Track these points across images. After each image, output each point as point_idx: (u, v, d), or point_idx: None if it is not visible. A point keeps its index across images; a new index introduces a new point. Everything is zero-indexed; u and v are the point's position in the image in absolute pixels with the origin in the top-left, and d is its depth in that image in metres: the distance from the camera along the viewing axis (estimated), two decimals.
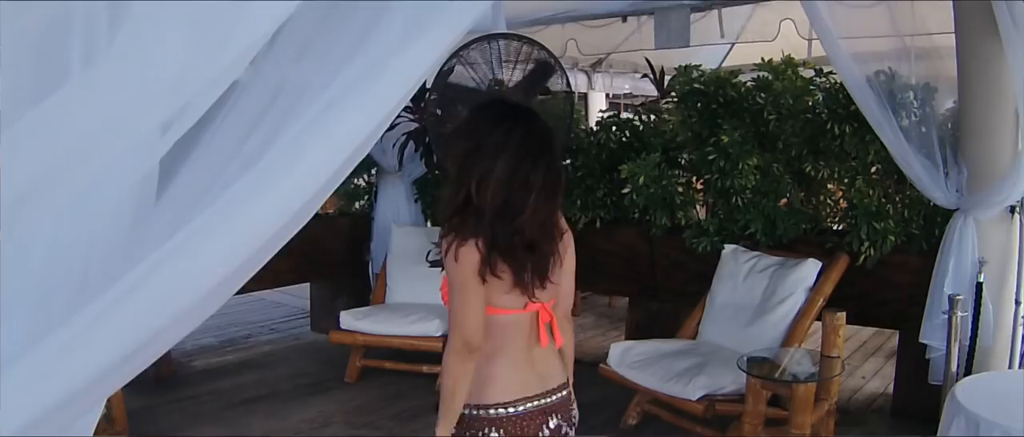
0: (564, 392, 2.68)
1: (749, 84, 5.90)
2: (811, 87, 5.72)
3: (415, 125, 6.61)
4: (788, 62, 5.81)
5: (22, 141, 1.16)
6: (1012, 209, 4.67)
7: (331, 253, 7.49)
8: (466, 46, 5.66)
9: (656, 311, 6.56)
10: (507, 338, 2.57)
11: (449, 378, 2.48)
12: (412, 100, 6.41)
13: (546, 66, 5.85)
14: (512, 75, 5.84)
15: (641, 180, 5.73)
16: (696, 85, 5.99)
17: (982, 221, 4.68)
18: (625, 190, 5.86)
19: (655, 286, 6.37)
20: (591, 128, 6.99)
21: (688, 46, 7.27)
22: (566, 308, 2.76)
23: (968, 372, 4.42)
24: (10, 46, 1.19)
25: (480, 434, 2.53)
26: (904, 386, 5.49)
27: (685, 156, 6.28)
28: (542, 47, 5.99)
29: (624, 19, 8.19)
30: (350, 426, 5.46)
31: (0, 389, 1.20)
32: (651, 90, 7.21)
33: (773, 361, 4.62)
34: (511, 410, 2.53)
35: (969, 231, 4.67)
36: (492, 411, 2.53)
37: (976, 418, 3.22)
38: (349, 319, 6.21)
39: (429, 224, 7.30)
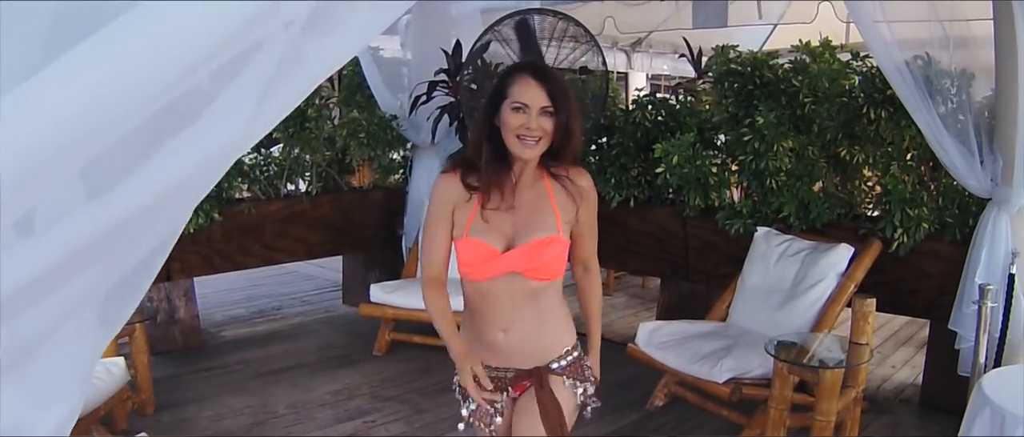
0: None
1: (786, 66, 5.84)
2: (848, 71, 5.64)
3: (450, 99, 6.59)
4: (826, 45, 5.74)
5: None
6: None
7: (365, 226, 7.50)
8: (500, 22, 5.65)
9: (688, 292, 6.54)
10: None
11: None
12: (448, 75, 6.41)
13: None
14: (545, 51, 5.83)
15: (675, 160, 5.71)
16: (733, 66, 5.94)
17: (1015, 213, 4.60)
18: (659, 170, 5.84)
19: (687, 267, 6.34)
20: (627, 107, 6.92)
21: (726, 27, 7.21)
22: None
23: (997, 364, 4.35)
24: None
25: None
26: (933, 376, 5.42)
27: (720, 137, 6.25)
28: (578, 24, 5.98)
29: None
30: (375, 399, 5.49)
31: None
32: (691, 71, 7.16)
33: (802, 346, 4.59)
34: None
35: (1002, 222, 4.59)
36: None
37: (1002, 411, 3.17)
38: (379, 292, 6.24)
39: None
